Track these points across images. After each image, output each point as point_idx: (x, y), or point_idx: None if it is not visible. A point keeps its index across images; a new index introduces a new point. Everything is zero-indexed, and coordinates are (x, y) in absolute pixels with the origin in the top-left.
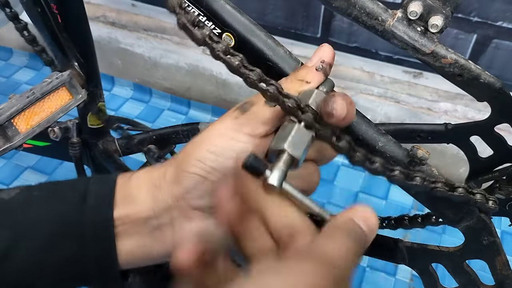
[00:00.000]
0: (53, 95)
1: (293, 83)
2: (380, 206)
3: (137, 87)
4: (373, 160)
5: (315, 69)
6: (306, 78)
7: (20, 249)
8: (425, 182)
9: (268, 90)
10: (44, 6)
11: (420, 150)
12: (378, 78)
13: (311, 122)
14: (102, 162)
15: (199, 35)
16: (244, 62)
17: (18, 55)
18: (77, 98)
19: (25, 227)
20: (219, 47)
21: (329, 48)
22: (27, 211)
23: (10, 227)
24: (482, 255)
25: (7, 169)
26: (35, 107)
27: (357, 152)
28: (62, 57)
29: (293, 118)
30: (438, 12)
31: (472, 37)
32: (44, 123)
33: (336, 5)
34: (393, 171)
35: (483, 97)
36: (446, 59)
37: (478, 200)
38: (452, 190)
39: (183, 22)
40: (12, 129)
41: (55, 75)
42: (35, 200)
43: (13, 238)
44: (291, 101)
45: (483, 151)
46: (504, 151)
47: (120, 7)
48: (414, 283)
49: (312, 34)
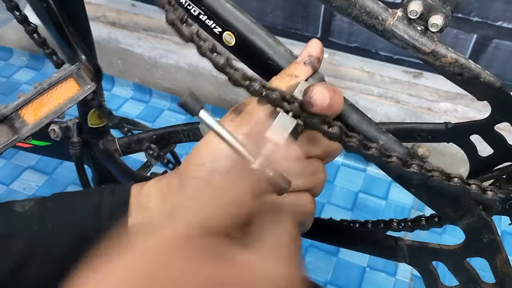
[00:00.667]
0: (61, 86)
1: (283, 79)
2: (380, 206)
3: (137, 87)
4: (369, 146)
5: (303, 63)
6: (294, 73)
7: (36, 261)
8: (422, 170)
9: (251, 85)
10: (50, 1)
11: (420, 148)
12: (378, 78)
13: (296, 111)
14: (102, 162)
15: (186, 32)
16: (230, 61)
17: (18, 55)
18: (85, 89)
19: (41, 239)
20: (206, 45)
21: (316, 43)
22: (42, 223)
23: (27, 240)
24: (483, 253)
25: (7, 169)
26: (42, 98)
27: (351, 138)
28: (69, 51)
29: (279, 110)
30: (438, 12)
31: (472, 37)
32: (52, 115)
33: (336, 5)
34: (390, 157)
35: (483, 96)
36: (446, 58)
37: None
38: (448, 180)
39: (172, 18)
40: (20, 121)
41: (63, 68)
42: (50, 212)
43: (29, 250)
44: (275, 93)
45: (483, 150)
46: (504, 150)
47: (120, 7)
48: (414, 283)
49: (312, 34)
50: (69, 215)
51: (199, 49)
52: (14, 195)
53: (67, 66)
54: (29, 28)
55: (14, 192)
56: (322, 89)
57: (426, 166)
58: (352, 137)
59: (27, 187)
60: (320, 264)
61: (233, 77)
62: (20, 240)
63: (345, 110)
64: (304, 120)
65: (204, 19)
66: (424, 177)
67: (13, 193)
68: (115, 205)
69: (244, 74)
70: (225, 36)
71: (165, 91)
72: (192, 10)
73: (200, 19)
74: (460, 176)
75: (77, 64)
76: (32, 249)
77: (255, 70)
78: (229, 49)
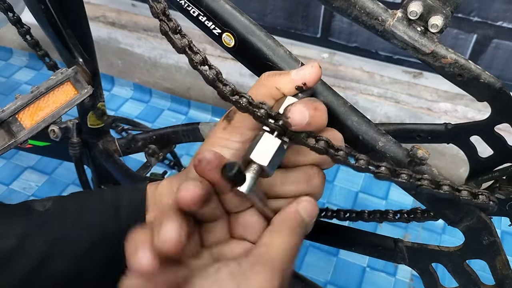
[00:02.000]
0: (58, 90)
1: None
2: (380, 206)
3: (137, 87)
4: (357, 157)
5: (294, 87)
6: (282, 90)
7: (56, 259)
8: (411, 180)
9: (238, 101)
10: (47, 3)
11: (420, 150)
12: (378, 78)
13: (279, 130)
14: (102, 162)
15: (179, 44)
16: (220, 76)
17: (18, 55)
18: (82, 93)
19: (62, 238)
20: (197, 58)
21: (316, 70)
22: (62, 222)
23: (47, 238)
24: (482, 255)
25: (7, 169)
26: (39, 102)
27: (338, 151)
28: (67, 53)
29: (265, 127)
30: (438, 12)
31: (472, 37)
32: (49, 119)
33: (336, 5)
34: (379, 167)
35: (483, 97)
36: (446, 59)
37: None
38: (437, 188)
39: (165, 29)
40: (17, 125)
41: (60, 71)
42: (69, 212)
43: (50, 248)
44: (261, 111)
45: (483, 151)
46: (504, 151)
47: (120, 7)
48: (414, 283)
49: (312, 34)
50: (89, 214)
51: (191, 62)
52: (14, 195)
53: (64, 69)
54: (22, 30)
55: (14, 192)
56: (301, 108)
57: (414, 175)
58: (339, 150)
59: (27, 187)
60: (320, 264)
61: (222, 92)
62: (40, 239)
63: (344, 111)
64: (289, 136)
65: (203, 20)
66: (413, 186)
67: (13, 193)
68: (132, 204)
69: (233, 89)
70: (225, 37)
71: (165, 91)
72: (191, 11)
73: (200, 20)
74: (450, 183)
75: (74, 68)
76: (53, 247)
77: (254, 71)
78: (228, 50)
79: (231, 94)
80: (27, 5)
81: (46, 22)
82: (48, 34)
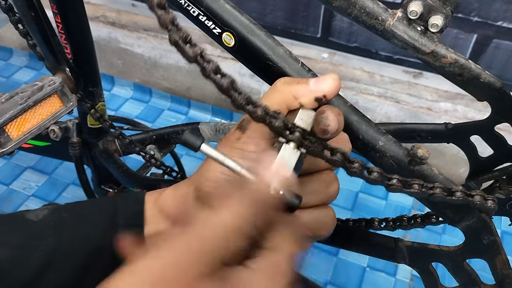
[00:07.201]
0: (45, 102)
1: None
2: (380, 206)
3: (137, 87)
4: (371, 170)
5: (314, 98)
6: (300, 100)
7: (53, 271)
8: (423, 189)
9: (254, 111)
10: (38, 10)
11: (420, 149)
12: (378, 78)
13: (298, 141)
14: (102, 162)
15: (190, 53)
16: (234, 84)
17: (18, 55)
18: (67, 106)
19: (58, 249)
20: (210, 66)
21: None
22: (59, 233)
23: (43, 249)
24: (483, 254)
25: (7, 169)
26: (27, 114)
27: (353, 163)
28: (53, 60)
29: (281, 139)
30: (438, 12)
31: (472, 37)
32: (35, 131)
33: (336, 5)
34: (391, 179)
35: (483, 97)
36: (446, 58)
37: (477, 202)
38: (450, 195)
39: (175, 39)
40: (5, 136)
41: (47, 81)
42: (65, 222)
43: (47, 259)
44: (278, 121)
45: (483, 151)
46: (504, 150)
47: (120, 7)
48: (414, 283)
49: (312, 34)
50: (85, 225)
51: (203, 71)
52: (14, 195)
53: (51, 81)
54: (23, 30)
55: (14, 192)
56: (333, 116)
57: (426, 185)
58: (355, 162)
59: (27, 187)
60: (320, 264)
61: (236, 101)
62: (36, 250)
63: (344, 111)
64: (307, 149)
65: (203, 20)
66: (425, 195)
67: (13, 193)
68: (130, 215)
69: (248, 98)
70: (225, 37)
71: (165, 91)
72: (191, 11)
73: (200, 20)
74: (462, 189)
75: (61, 80)
76: (49, 259)
77: (254, 71)
78: (228, 50)
79: (246, 103)
80: (18, 11)
81: (36, 29)
82: (37, 39)
